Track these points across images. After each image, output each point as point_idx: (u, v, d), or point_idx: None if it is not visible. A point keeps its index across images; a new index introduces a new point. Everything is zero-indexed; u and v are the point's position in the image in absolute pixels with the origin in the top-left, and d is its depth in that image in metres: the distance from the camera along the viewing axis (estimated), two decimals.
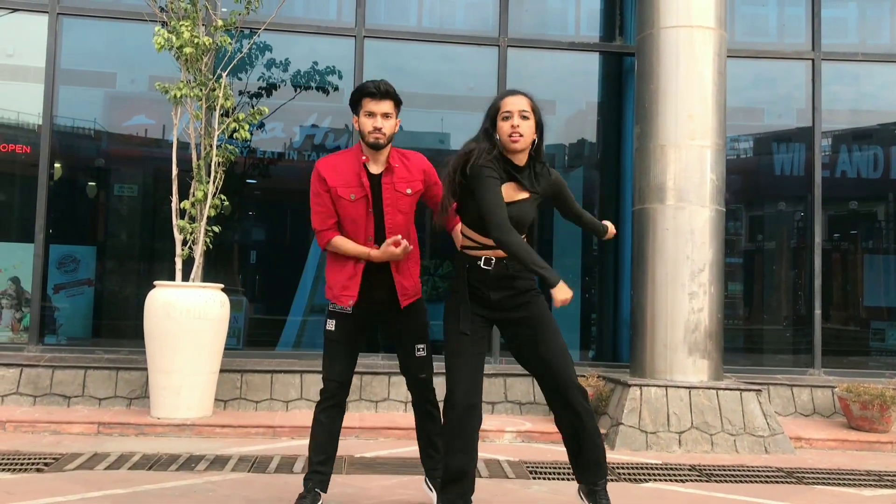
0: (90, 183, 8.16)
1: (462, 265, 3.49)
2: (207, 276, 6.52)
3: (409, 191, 3.76)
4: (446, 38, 7.78)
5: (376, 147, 3.69)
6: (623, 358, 7.43)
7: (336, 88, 7.85)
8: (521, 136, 3.37)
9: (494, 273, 3.43)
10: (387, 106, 3.70)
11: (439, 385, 3.59)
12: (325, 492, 3.83)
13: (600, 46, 8.11)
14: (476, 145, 3.43)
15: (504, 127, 3.38)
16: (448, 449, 3.45)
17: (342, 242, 3.73)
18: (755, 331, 8.59)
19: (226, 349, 6.29)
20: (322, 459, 3.82)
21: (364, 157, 3.73)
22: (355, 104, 3.76)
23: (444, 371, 3.48)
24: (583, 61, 8.19)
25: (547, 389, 3.54)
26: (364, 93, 3.70)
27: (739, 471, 5.29)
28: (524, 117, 3.38)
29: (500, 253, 3.39)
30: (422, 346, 3.86)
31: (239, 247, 8.38)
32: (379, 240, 3.72)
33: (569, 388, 3.41)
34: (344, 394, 3.86)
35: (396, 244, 3.61)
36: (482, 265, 3.42)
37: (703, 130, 6.36)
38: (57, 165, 7.46)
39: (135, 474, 4.63)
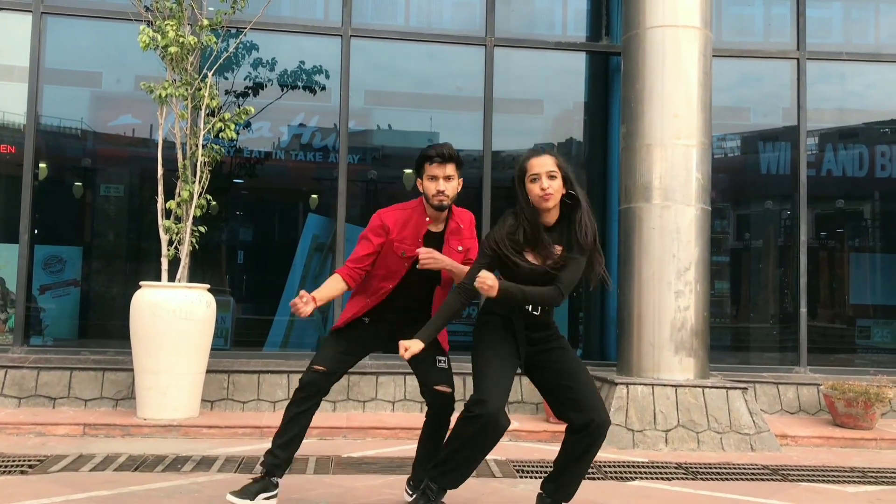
0: (76, 183, 8.13)
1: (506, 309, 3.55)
2: (194, 277, 6.50)
3: (460, 248, 3.90)
4: (433, 38, 7.78)
5: (440, 209, 3.81)
6: (610, 356, 7.46)
7: (323, 88, 7.85)
8: (551, 195, 3.43)
9: (543, 319, 3.57)
10: (450, 169, 3.79)
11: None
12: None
13: (587, 46, 8.13)
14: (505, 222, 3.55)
15: (534, 189, 3.45)
16: (450, 458, 3.51)
17: (332, 283, 3.88)
18: (741, 329, 8.63)
19: (213, 349, 6.28)
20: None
21: (427, 219, 3.86)
22: (418, 169, 3.87)
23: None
24: (569, 61, 8.21)
25: (569, 411, 3.55)
26: (426, 159, 3.81)
27: (725, 468, 5.31)
28: (552, 177, 3.44)
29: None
30: (443, 358, 3.88)
31: (226, 247, 8.36)
32: (420, 284, 3.85)
33: (591, 425, 3.46)
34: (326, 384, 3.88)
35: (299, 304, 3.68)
36: (531, 310, 3.53)
37: (688, 130, 6.39)
38: (42, 165, 7.42)
39: (120, 475, 4.61)
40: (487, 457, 5.30)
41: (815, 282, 8.36)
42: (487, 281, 3.37)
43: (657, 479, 4.99)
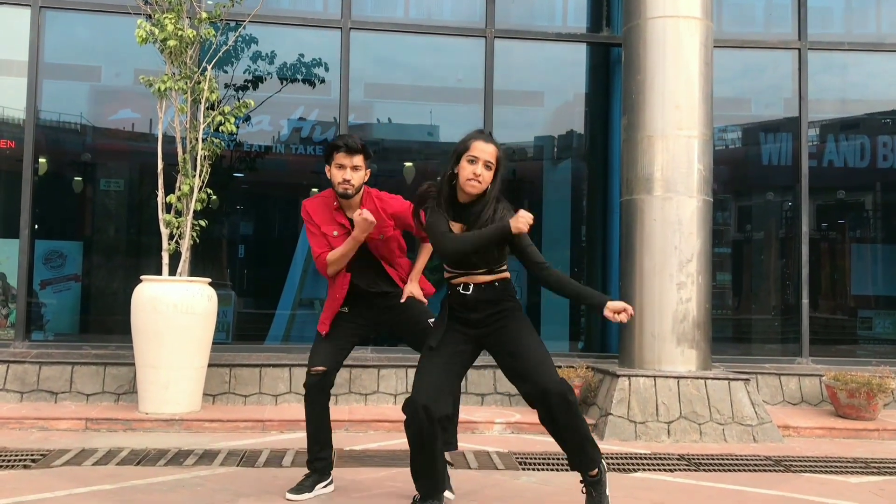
0: (76, 178, 8.11)
1: (446, 292, 3.63)
2: (195, 271, 6.49)
3: (381, 236, 4.05)
4: (433, 30, 7.75)
5: (345, 197, 4.01)
6: (612, 349, 7.45)
7: (323, 81, 7.82)
8: (479, 182, 3.44)
9: (473, 296, 3.53)
10: (357, 160, 3.97)
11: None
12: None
13: (587, 37, 8.09)
14: (427, 188, 3.62)
15: (466, 169, 3.44)
16: (412, 467, 3.57)
17: (331, 252, 4.00)
18: (743, 320, 8.62)
19: (214, 343, 6.27)
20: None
21: (335, 204, 4.06)
22: (328, 157, 4.04)
23: None
24: (570, 52, 8.18)
25: (520, 384, 3.54)
26: (334, 148, 4.00)
27: (728, 460, 5.31)
28: (488, 166, 3.44)
29: (479, 279, 3.51)
30: (431, 318, 3.96)
31: (227, 241, 8.35)
32: (369, 266, 4.07)
33: (547, 395, 3.42)
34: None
35: (359, 214, 3.86)
36: (461, 290, 3.54)
37: (690, 121, 6.37)
38: (42, 160, 7.41)
39: (123, 469, 4.61)
40: (489, 449, 5.34)
41: (817, 273, 8.35)
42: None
43: (660, 470, 4.98)
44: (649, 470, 4.97)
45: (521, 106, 8.41)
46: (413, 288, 4.04)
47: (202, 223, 6.35)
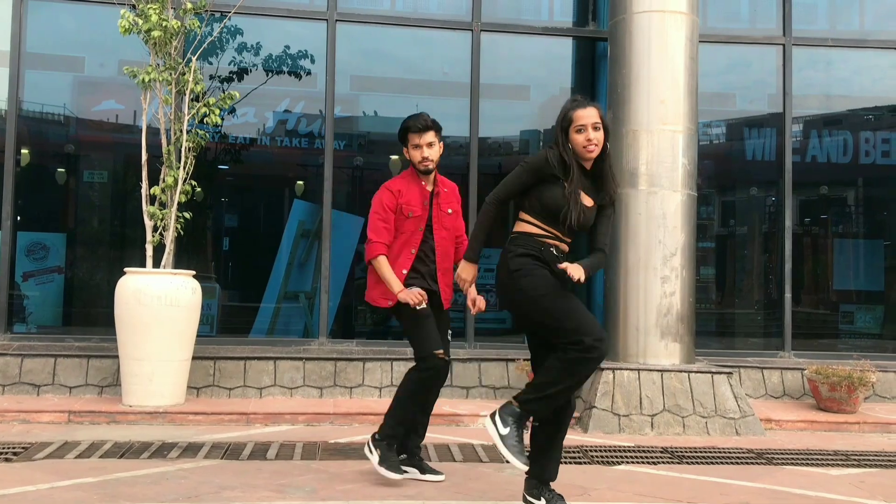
0: (59, 169, 8.04)
1: (535, 246, 3.59)
2: (179, 263, 6.47)
3: (450, 210, 4.41)
4: (419, 23, 7.72)
5: (427, 172, 4.32)
6: None
7: (308, 73, 7.80)
8: (595, 146, 3.53)
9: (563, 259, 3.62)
10: (430, 136, 4.28)
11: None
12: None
13: (573, 31, 8.10)
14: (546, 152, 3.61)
15: (579, 139, 3.53)
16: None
17: (384, 265, 4.23)
18: (727, 314, 8.68)
19: (198, 336, 6.24)
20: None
21: (423, 182, 4.35)
22: (403, 139, 4.36)
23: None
24: (556, 46, 8.18)
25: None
26: (408, 129, 4.30)
27: (710, 452, 5.35)
28: (596, 128, 3.53)
29: (564, 248, 3.62)
30: (451, 332, 4.52)
31: (211, 233, 8.31)
32: (424, 251, 4.31)
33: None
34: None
35: (417, 303, 4.16)
36: (555, 252, 3.59)
37: (675, 115, 6.39)
38: (25, 151, 7.35)
39: (106, 462, 4.59)
40: (474, 442, 5.35)
41: (800, 268, 8.41)
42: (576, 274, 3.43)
43: (643, 463, 5.01)
44: (633, 462, 5.00)
45: (507, 100, 8.41)
46: (478, 299, 4.22)
47: (186, 215, 6.31)
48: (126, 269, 6.06)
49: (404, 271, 4.25)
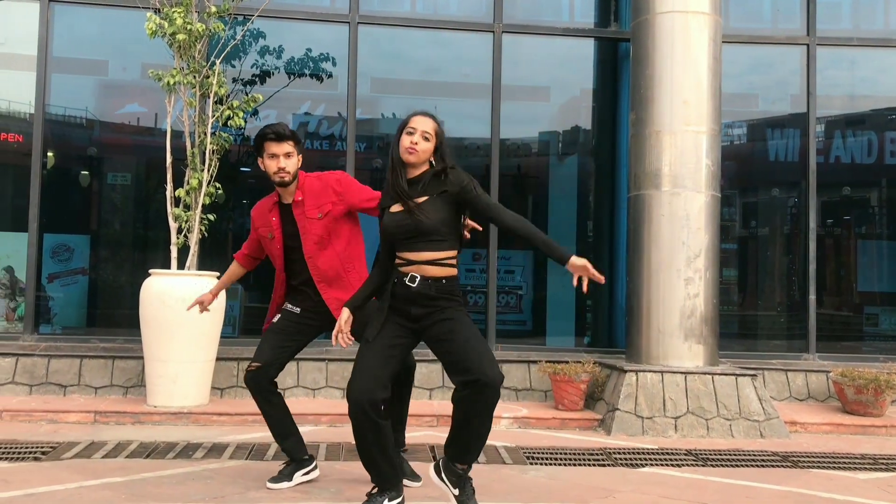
0: (83, 172, 8.12)
1: (392, 279, 3.61)
2: (203, 265, 6.51)
3: (319, 215, 4.04)
4: (440, 24, 7.74)
5: (283, 185, 4.06)
6: (619, 344, 7.45)
7: (330, 76, 7.83)
8: (415, 150, 3.52)
9: (416, 290, 3.50)
10: (287, 147, 4.01)
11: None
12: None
13: (595, 32, 8.08)
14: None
15: (404, 141, 3.55)
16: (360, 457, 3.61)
17: (229, 270, 4.44)
18: (750, 316, 8.61)
19: (221, 337, 6.28)
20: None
21: (274, 201, 4.15)
22: (258, 149, 4.07)
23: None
24: (578, 47, 8.16)
25: (452, 374, 3.50)
26: (264, 138, 4.03)
27: (735, 455, 5.31)
28: (425, 138, 3.53)
29: (427, 271, 3.50)
30: None
31: (234, 235, 8.34)
32: (300, 269, 4.11)
33: (479, 380, 3.36)
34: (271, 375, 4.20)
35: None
36: (407, 281, 3.52)
37: (698, 116, 6.36)
38: (50, 154, 7.43)
39: (132, 462, 4.63)
40: (497, 444, 5.34)
41: (823, 269, 8.33)
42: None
43: (667, 465, 4.99)
44: (657, 465, 4.98)
45: (528, 101, 8.40)
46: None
47: (211, 217, 6.36)
48: (151, 271, 6.11)
49: (280, 302, 4.25)
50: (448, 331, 3.47)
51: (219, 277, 6.14)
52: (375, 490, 3.61)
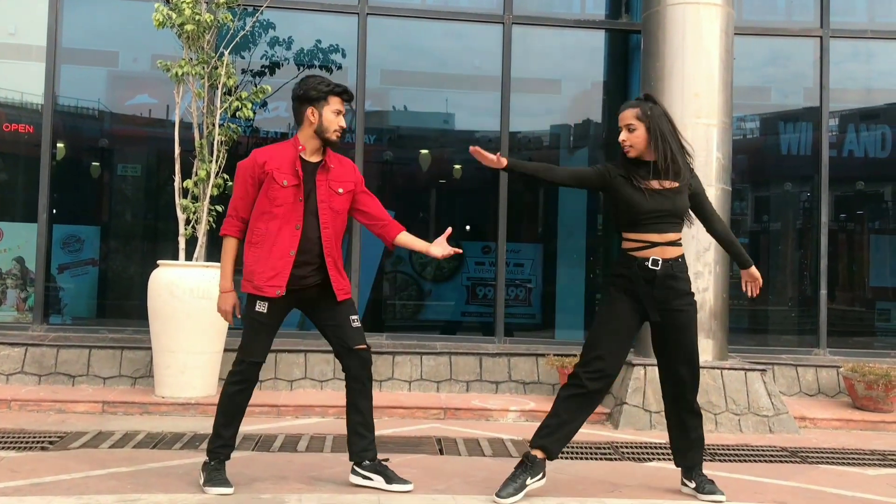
0: (93, 163, 8.14)
1: (628, 265, 3.87)
2: (211, 256, 6.51)
3: (340, 190, 3.90)
4: (451, 16, 7.70)
5: (333, 144, 3.88)
6: None
7: (339, 67, 7.80)
8: (630, 146, 3.85)
9: (661, 272, 3.83)
10: (346, 107, 3.90)
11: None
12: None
13: (606, 24, 8.03)
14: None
15: (621, 138, 3.91)
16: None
17: (229, 248, 3.89)
18: (760, 311, 8.55)
19: (230, 329, 6.28)
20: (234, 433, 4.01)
21: (301, 147, 3.85)
22: (318, 99, 3.82)
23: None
24: (588, 39, 8.11)
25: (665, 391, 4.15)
26: (335, 91, 3.84)
27: (743, 450, 5.28)
28: (630, 129, 3.84)
29: (667, 253, 3.85)
30: (355, 316, 3.99)
31: None
32: (309, 231, 3.80)
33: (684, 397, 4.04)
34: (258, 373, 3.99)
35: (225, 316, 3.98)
36: (649, 265, 3.80)
37: (709, 109, 6.31)
38: (60, 145, 7.45)
39: (139, 453, 4.64)
40: (503, 437, 5.33)
41: (835, 264, 8.27)
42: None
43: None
44: (664, 459, 4.94)
45: (539, 93, 8.36)
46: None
47: (219, 208, 6.36)
48: (159, 262, 6.11)
49: (292, 252, 3.76)
50: (679, 323, 3.93)
51: None
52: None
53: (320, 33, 7.73)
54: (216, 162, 6.24)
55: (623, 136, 3.86)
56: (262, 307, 3.82)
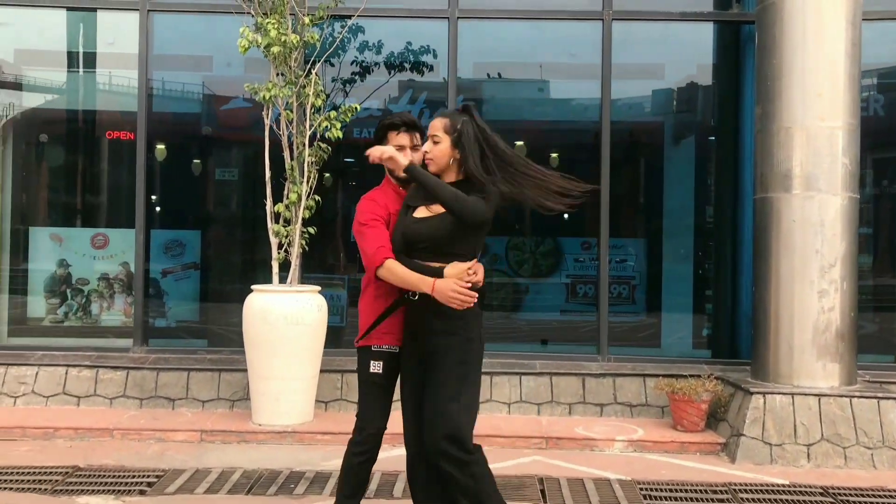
0: (194, 161, 8.17)
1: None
2: (308, 267, 6.38)
3: None
4: (544, 15, 7.27)
5: (405, 183, 3.45)
6: (741, 355, 6.91)
7: (431, 68, 7.54)
8: (431, 159, 3.33)
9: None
10: (416, 138, 3.49)
11: None
12: None
13: (715, 15, 7.42)
14: None
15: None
16: None
17: (398, 267, 3.27)
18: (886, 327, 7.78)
19: (325, 348, 6.16)
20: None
21: (399, 190, 3.50)
22: (380, 140, 3.50)
23: None
24: (695, 32, 7.51)
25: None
26: (391, 126, 3.49)
27: (879, 495, 4.80)
28: (435, 141, 3.32)
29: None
30: None
31: (342, 238, 8.16)
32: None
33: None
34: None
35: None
36: (409, 296, 3.34)
37: (833, 110, 5.73)
38: (160, 147, 7.53)
39: (234, 499, 4.55)
40: (611, 476, 5.01)
41: None
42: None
43: None
44: None
45: (642, 91, 7.90)
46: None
47: (311, 230, 6.23)
48: (253, 287, 6.04)
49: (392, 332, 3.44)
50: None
51: (320, 292, 6.05)
52: None
53: (410, 39, 7.50)
54: (307, 183, 6.09)
55: (427, 146, 3.34)
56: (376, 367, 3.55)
